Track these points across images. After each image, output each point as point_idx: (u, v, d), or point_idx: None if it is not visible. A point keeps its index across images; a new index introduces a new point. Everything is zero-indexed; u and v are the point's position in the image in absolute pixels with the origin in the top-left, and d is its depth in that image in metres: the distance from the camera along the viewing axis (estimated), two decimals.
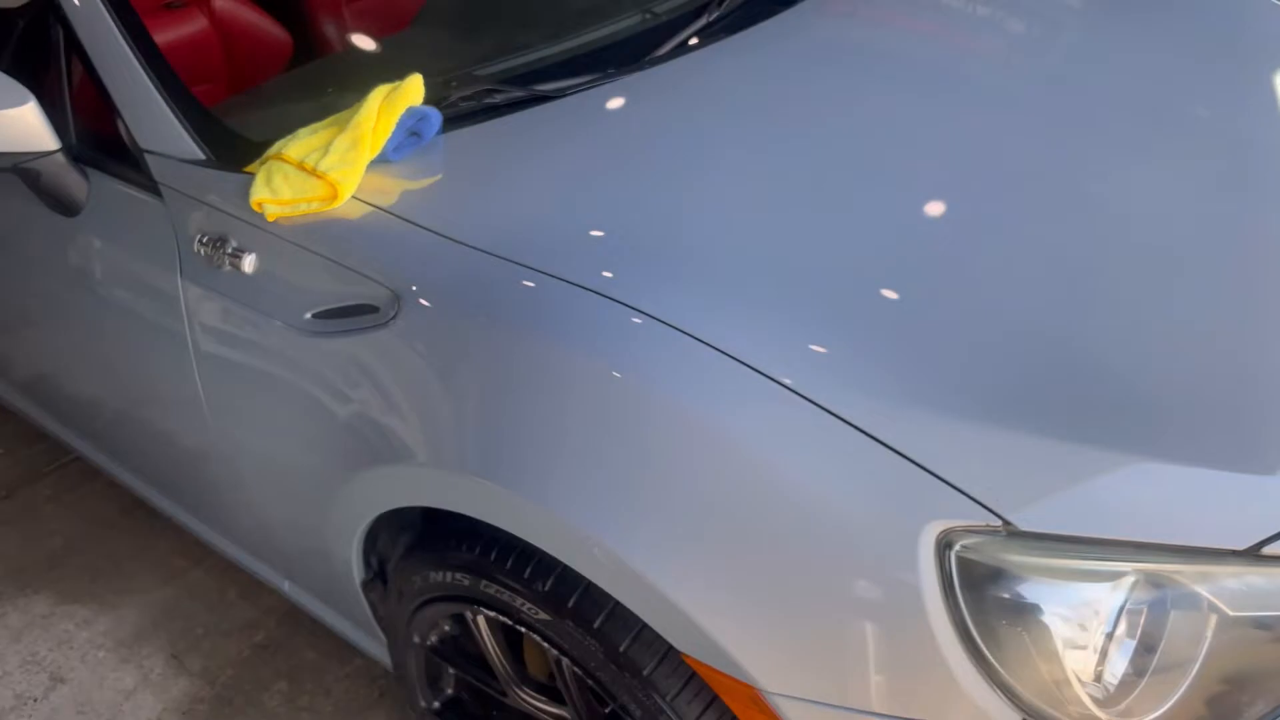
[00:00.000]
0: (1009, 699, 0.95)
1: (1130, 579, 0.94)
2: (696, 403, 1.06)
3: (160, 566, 2.26)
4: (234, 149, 1.53)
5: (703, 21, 1.81)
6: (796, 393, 1.03)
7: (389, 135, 1.43)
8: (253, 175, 1.44)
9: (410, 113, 1.45)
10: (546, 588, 1.16)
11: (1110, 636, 0.94)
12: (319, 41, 2.55)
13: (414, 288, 1.26)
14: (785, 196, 1.36)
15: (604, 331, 1.13)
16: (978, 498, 0.97)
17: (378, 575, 1.52)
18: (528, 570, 1.18)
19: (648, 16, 1.90)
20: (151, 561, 2.28)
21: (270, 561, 1.76)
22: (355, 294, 1.32)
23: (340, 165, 1.38)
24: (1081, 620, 0.95)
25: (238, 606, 2.15)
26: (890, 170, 1.41)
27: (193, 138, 1.53)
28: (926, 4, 1.92)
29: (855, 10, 1.90)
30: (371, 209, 1.36)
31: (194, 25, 2.23)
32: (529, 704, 1.38)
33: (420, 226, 1.31)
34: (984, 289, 1.21)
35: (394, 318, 1.27)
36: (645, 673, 1.11)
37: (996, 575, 0.95)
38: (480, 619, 1.33)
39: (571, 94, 1.59)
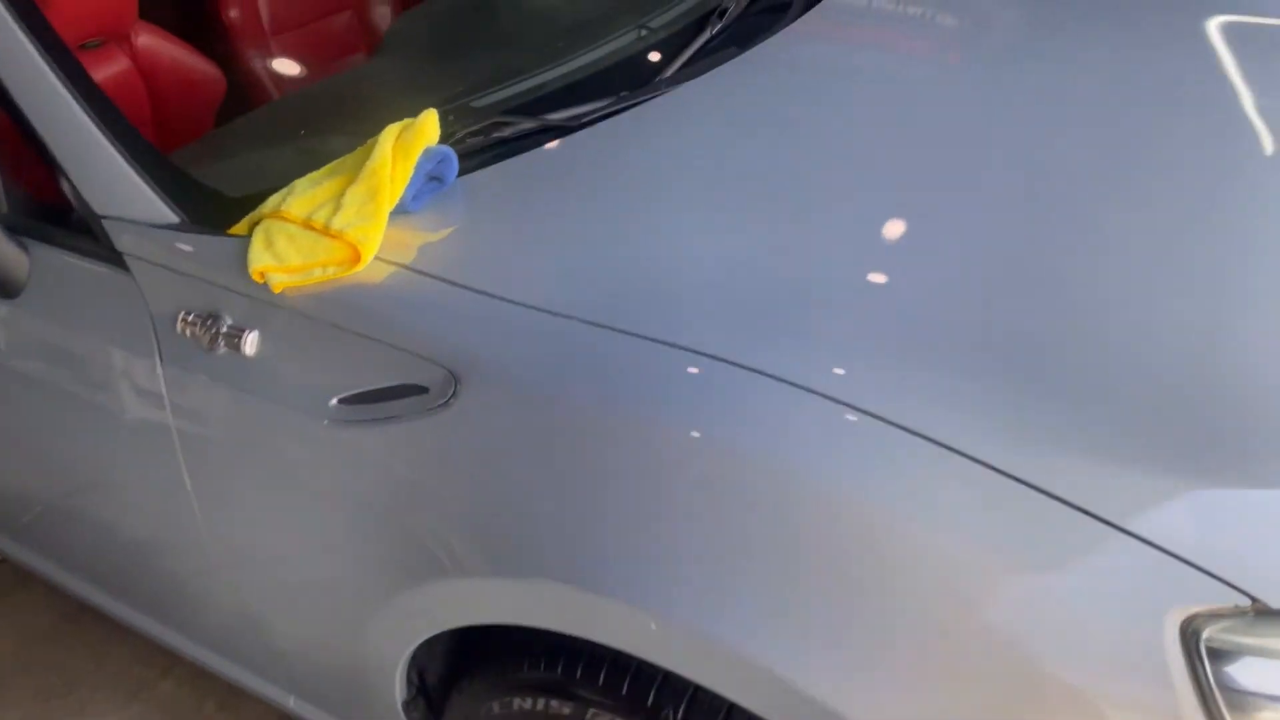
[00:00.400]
0: None
1: None
2: (860, 486, 0.89)
3: (121, 680, 1.99)
4: (212, 209, 1.31)
5: (705, 37, 1.65)
6: (983, 463, 0.87)
7: (407, 182, 1.22)
8: (244, 239, 1.22)
9: (428, 154, 1.25)
10: (679, 714, 0.98)
11: None
12: (251, 78, 2.32)
13: (475, 362, 1.05)
14: (870, 228, 1.20)
15: (728, 403, 0.95)
16: (1218, 573, 0.82)
17: (420, 691, 1.31)
18: (651, 696, 0.99)
19: (644, 34, 1.73)
20: (110, 675, 2.00)
21: (272, 676, 1.52)
22: (395, 373, 1.11)
23: (358, 221, 1.17)
24: None
25: None
26: (962, 189, 1.26)
27: (162, 198, 1.30)
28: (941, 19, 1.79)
29: (865, 23, 1.76)
30: (402, 270, 1.16)
31: (114, 66, 1.97)
32: None
33: (468, 289, 1.11)
34: (1124, 327, 1.06)
35: (451, 399, 1.06)
36: None
37: (1256, 665, 0.81)
38: None
39: (588, 124, 1.40)
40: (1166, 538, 0.84)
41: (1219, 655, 0.81)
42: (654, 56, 1.61)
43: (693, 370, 0.98)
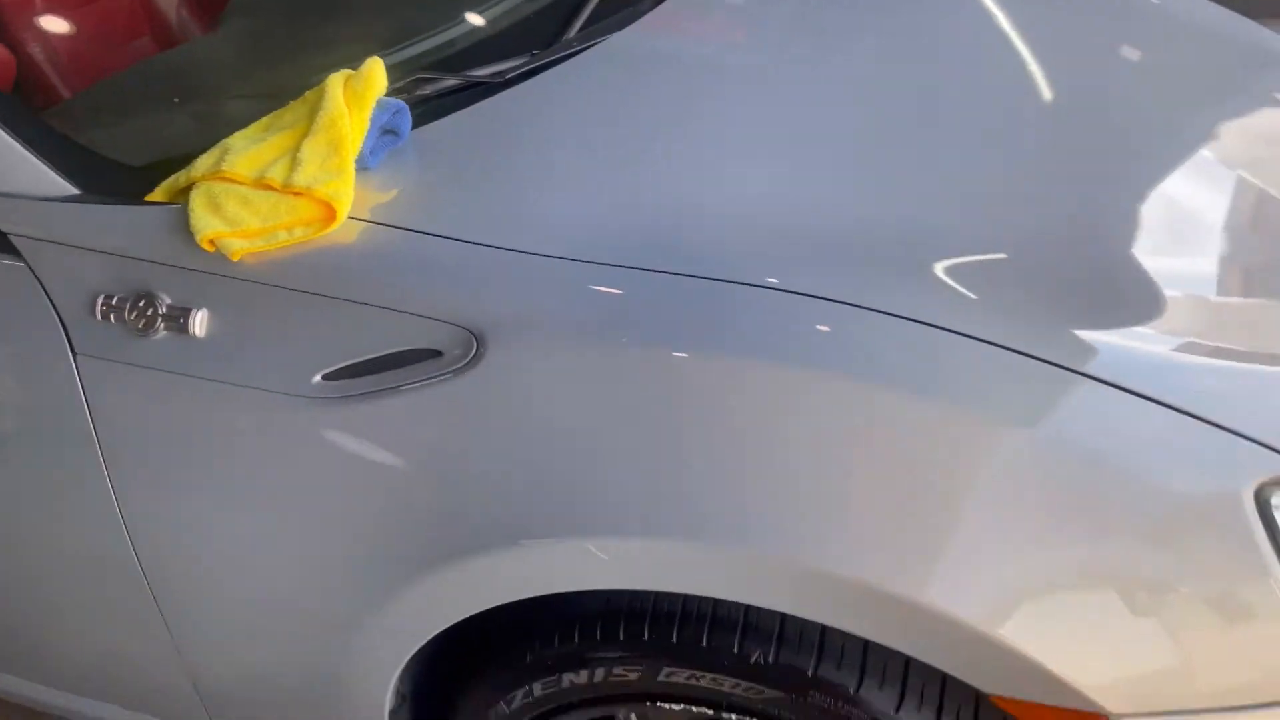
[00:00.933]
0: None
1: None
2: (954, 402, 0.90)
3: None
4: (111, 181, 1.13)
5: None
6: (1073, 370, 0.90)
7: (364, 135, 1.11)
8: (176, 207, 1.07)
9: (381, 106, 1.14)
10: (771, 659, 0.94)
11: None
12: (26, 58, 2.05)
13: (500, 318, 0.97)
14: (828, 157, 1.21)
15: (797, 332, 0.93)
16: (1271, 444, 0.88)
17: (404, 699, 1.19)
18: (737, 643, 0.94)
19: None
20: None
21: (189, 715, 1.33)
22: (395, 340, 1.00)
23: (326, 177, 1.04)
24: None
25: None
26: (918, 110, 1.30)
27: (52, 168, 1.11)
28: None
29: None
30: (385, 228, 1.05)
31: None
32: None
33: (471, 243, 1.02)
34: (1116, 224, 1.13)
35: (472, 360, 0.97)
36: None
37: None
38: (633, 717, 1.06)
39: (515, 80, 1.33)
40: (1213, 412, 0.89)
41: None
42: (562, 11, 1.54)
43: (743, 301, 0.95)
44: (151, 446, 1.09)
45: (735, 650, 0.95)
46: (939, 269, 1.01)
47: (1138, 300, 1.01)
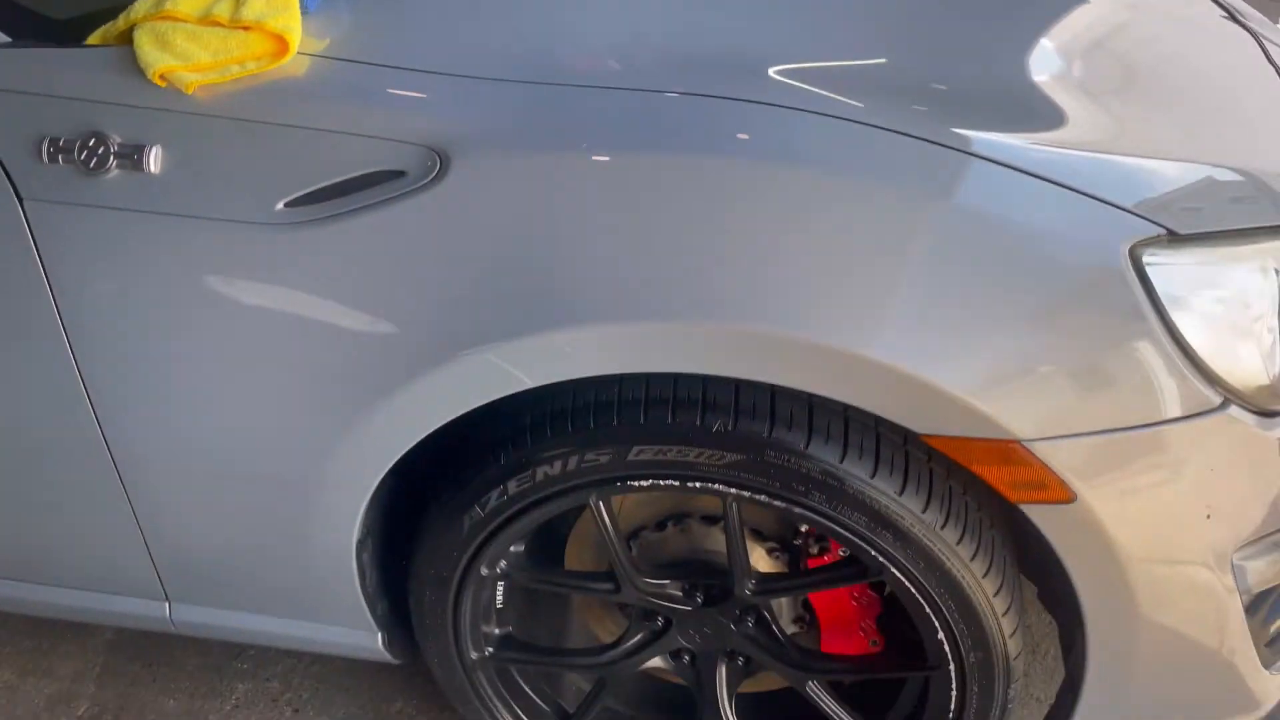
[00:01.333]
0: (1215, 386, 1.04)
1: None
2: (864, 176, 1.01)
3: None
4: (42, 30, 1.13)
5: None
6: (967, 151, 1.03)
7: None
8: (120, 48, 1.08)
9: None
10: (731, 427, 1.05)
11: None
12: None
13: (460, 136, 1.03)
14: None
15: (725, 130, 1.03)
16: (1141, 213, 1.04)
17: (369, 532, 1.25)
18: (699, 417, 1.05)
19: None
20: None
21: (149, 589, 1.35)
22: (359, 162, 1.06)
23: (273, 13, 1.08)
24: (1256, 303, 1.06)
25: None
26: None
27: None
28: None
29: None
30: (337, 61, 1.09)
31: None
32: (651, 593, 1.24)
33: (423, 71, 1.08)
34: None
35: (437, 175, 1.04)
36: (871, 476, 1.05)
37: (1175, 271, 1.04)
38: (602, 505, 1.15)
39: None
40: (1105, 192, 1.05)
41: (1161, 272, 1.03)
42: None
43: (684, 107, 1.04)
44: (109, 290, 1.11)
45: (698, 423, 1.05)
46: (836, 79, 1.11)
47: (1018, 103, 1.15)
